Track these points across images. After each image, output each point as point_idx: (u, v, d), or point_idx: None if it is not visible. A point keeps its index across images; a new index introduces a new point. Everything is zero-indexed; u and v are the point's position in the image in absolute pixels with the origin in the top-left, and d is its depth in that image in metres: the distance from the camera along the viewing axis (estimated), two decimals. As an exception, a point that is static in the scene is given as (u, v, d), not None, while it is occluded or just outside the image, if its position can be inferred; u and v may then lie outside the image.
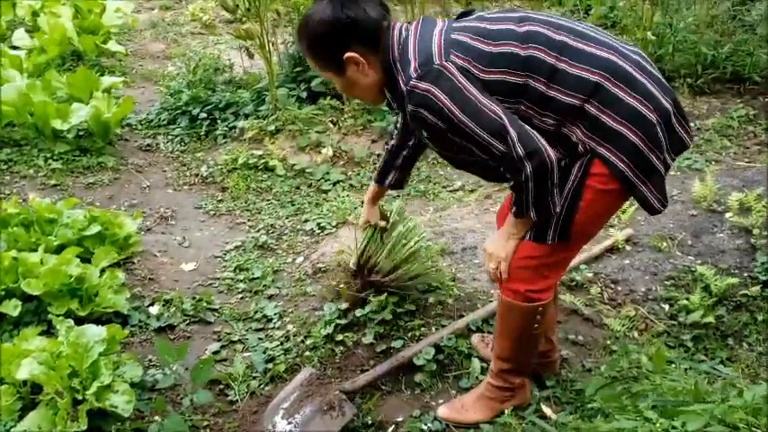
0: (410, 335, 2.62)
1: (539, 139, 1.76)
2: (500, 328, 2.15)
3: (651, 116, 1.79)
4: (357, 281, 2.68)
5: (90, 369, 2.18)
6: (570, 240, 1.95)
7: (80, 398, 2.13)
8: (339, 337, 2.61)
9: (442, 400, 2.37)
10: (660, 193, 1.90)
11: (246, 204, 3.84)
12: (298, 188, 4.03)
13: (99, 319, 2.65)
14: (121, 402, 2.14)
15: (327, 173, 4.11)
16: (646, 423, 1.75)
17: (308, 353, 2.58)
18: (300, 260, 3.24)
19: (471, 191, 3.84)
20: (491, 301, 2.80)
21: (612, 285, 2.92)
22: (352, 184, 4.04)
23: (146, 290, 2.98)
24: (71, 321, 2.35)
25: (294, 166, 4.19)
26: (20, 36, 5.83)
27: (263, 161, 4.19)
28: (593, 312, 2.77)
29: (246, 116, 4.64)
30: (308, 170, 4.16)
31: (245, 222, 3.66)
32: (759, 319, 2.71)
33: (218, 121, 4.71)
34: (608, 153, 1.81)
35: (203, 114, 4.76)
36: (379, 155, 4.14)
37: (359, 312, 2.63)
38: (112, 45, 6.09)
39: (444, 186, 4.04)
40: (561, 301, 2.79)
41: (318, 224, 3.54)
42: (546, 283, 2.02)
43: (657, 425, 1.68)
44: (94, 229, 3.00)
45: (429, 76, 1.76)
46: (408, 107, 1.80)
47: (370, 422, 2.28)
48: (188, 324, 2.78)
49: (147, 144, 4.59)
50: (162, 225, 3.61)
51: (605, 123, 1.79)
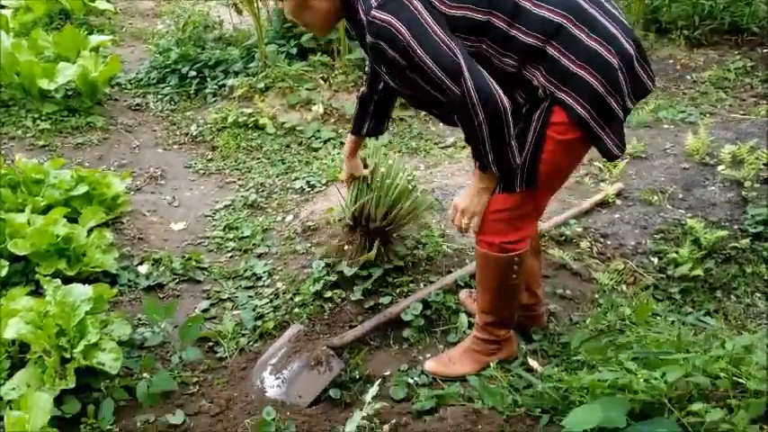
0: (398, 291, 2.62)
1: (494, 85, 1.74)
2: (480, 280, 2.16)
3: (612, 60, 1.76)
4: (356, 235, 2.65)
5: (77, 328, 2.19)
6: (539, 189, 1.93)
7: (68, 356, 2.14)
8: (328, 294, 2.61)
9: (429, 355, 2.38)
10: (618, 139, 1.88)
11: (236, 163, 3.82)
12: (288, 146, 4.00)
13: (88, 279, 2.65)
14: (109, 360, 2.15)
15: (318, 130, 4.07)
16: (627, 374, 1.76)
17: (297, 310, 2.59)
18: (290, 218, 3.23)
19: (463, 147, 3.80)
20: (480, 257, 2.79)
21: (602, 239, 2.91)
22: (342, 142, 3.99)
23: (135, 249, 2.98)
24: (58, 281, 2.34)
25: (284, 124, 4.15)
26: (6, -6, 5.73)
27: (252, 119, 4.15)
28: (581, 266, 2.76)
29: (236, 74, 4.59)
30: (298, 128, 4.12)
31: (234, 181, 3.64)
32: (748, 271, 2.71)
33: (207, 80, 4.66)
34: (567, 98, 1.79)
35: (193, 72, 4.70)
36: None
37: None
38: (101, 3, 6.00)
39: (436, 143, 4.00)
40: (550, 256, 2.79)
41: (308, 182, 3.53)
42: (519, 234, 2.02)
43: (639, 375, 1.69)
44: (82, 189, 2.98)
45: (390, 6, 1.71)
46: (368, 38, 1.76)
47: (357, 376, 2.29)
48: (177, 283, 2.78)
49: (137, 103, 4.54)
50: (151, 185, 3.59)
51: (565, 66, 1.76)
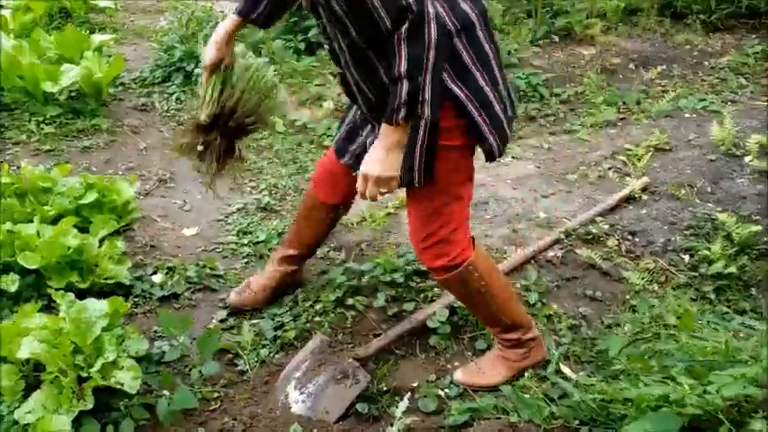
0: (422, 296, 2.54)
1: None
2: (462, 302, 2.20)
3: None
4: (213, 134, 2.19)
5: (93, 345, 2.10)
6: (440, 186, 1.84)
7: (84, 375, 2.06)
8: (349, 301, 2.53)
9: (457, 363, 2.30)
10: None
11: (247, 164, 3.70)
12: (299, 145, 3.90)
13: (101, 291, 2.56)
14: (127, 379, 2.06)
15: (329, 128, 3.97)
16: (677, 387, 1.67)
17: (317, 318, 2.50)
18: (306, 221, 3.13)
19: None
20: (505, 258, 2.70)
21: (630, 237, 2.82)
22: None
23: (147, 258, 2.88)
24: (72, 295, 2.25)
25: (294, 121, 4.05)
26: (4, -6, 5.61)
27: (262, 118, 4.04)
28: (610, 266, 2.68)
29: (243, 70, 4.47)
30: (309, 125, 4.02)
31: (246, 183, 3.54)
32: (783, 267, 2.62)
33: (213, 77, 4.54)
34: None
35: (198, 70, 4.58)
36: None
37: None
38: (101, 0, 5.87)
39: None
40: (577, 255, 2.70)
41: (322, 182, 3.42)
42: (457, 248, 1.95)
43: (689, 390, 1.61)
44: (91, 196, 2.88)
45: None
46: None
47: (385, 388, 2.21)
48: (193, 292, 2.69)
49: (142, 103, 4.44)
50: (161, 188, 3.49)
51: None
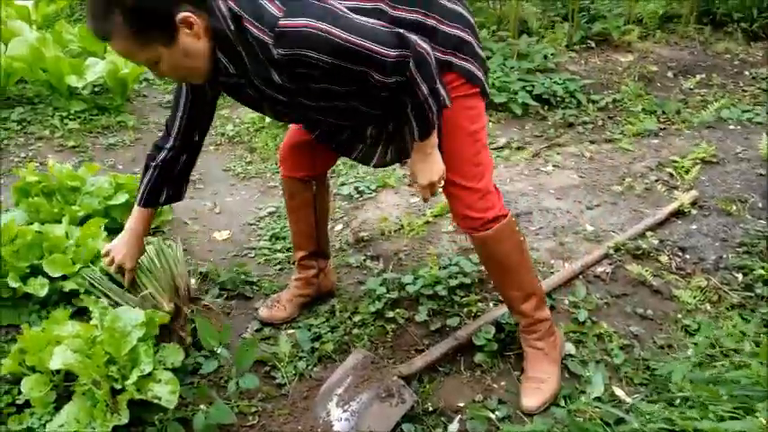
0: (466, 311, 2.43)
1: (406, 33, 1.66)
2: (503, 269, 2.07)
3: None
4: (182, 313, 2.29)
5: (128, 356, 2.01)
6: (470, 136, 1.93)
7: (119, 387, 1.97)
8: (389, 314, 2.43)
9: (504, 383, 2.19)
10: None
11: (277, 166, 3.61)
12: (329, 147, 3.79)
13: (132, 296, 2.47)
14: (165, 393, 1.96)
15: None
16: (755, 421, 1.57)
17: (356, 330, 2.40)
18: (340, 227, 3.04)
19: (518, 148, 3.58)
20: (552, 272, 2.60)
21: (680, 253, 2.71)
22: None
23: (179, 262, 2.79)
24: (104, 302, 2.17)
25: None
26: (26, -15, 5.54)
27: (291, 119, 3.94)
28: (661, 283, 2.57)
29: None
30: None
31: (277, 186, 3.44)
32: (843, 289, 2.50)
33: (241, 75, 4.44)
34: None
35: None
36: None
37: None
38: (124, -7, 5.78)
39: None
40: (627, 272, 2.59)
41: (356, 188, 3.32)
42: (498, 195, 2.00)
43: (772, 426, 1.50)
44: (121, 197, 2.79)
45: (297, 11, 1.54)
46: (279, 54, 1.54)
47: (430, 408, 2.11)
48: (226, 299, 2.60)
49: (167, 100, 4.34)
50: (190, 189, 3.34)
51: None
